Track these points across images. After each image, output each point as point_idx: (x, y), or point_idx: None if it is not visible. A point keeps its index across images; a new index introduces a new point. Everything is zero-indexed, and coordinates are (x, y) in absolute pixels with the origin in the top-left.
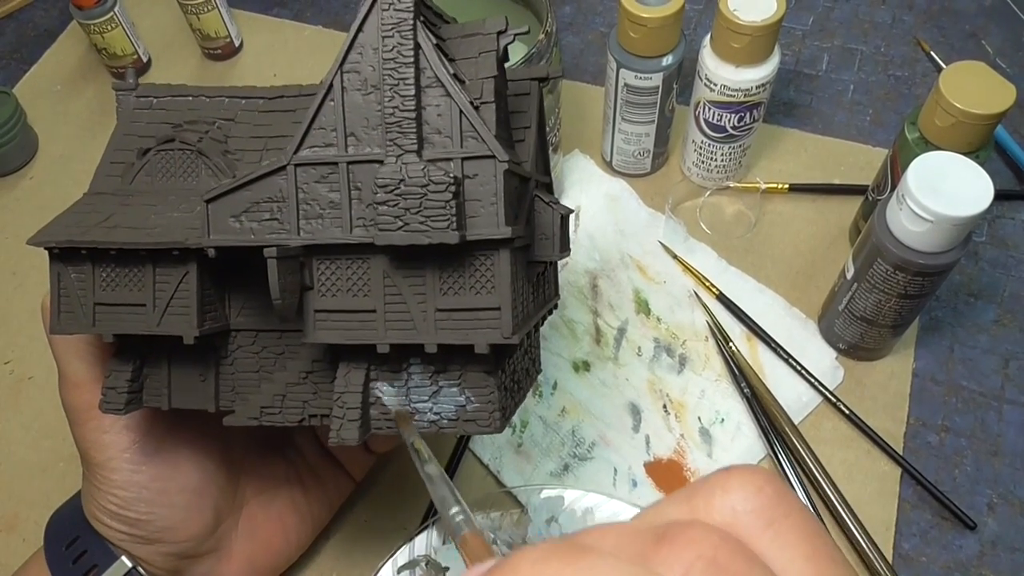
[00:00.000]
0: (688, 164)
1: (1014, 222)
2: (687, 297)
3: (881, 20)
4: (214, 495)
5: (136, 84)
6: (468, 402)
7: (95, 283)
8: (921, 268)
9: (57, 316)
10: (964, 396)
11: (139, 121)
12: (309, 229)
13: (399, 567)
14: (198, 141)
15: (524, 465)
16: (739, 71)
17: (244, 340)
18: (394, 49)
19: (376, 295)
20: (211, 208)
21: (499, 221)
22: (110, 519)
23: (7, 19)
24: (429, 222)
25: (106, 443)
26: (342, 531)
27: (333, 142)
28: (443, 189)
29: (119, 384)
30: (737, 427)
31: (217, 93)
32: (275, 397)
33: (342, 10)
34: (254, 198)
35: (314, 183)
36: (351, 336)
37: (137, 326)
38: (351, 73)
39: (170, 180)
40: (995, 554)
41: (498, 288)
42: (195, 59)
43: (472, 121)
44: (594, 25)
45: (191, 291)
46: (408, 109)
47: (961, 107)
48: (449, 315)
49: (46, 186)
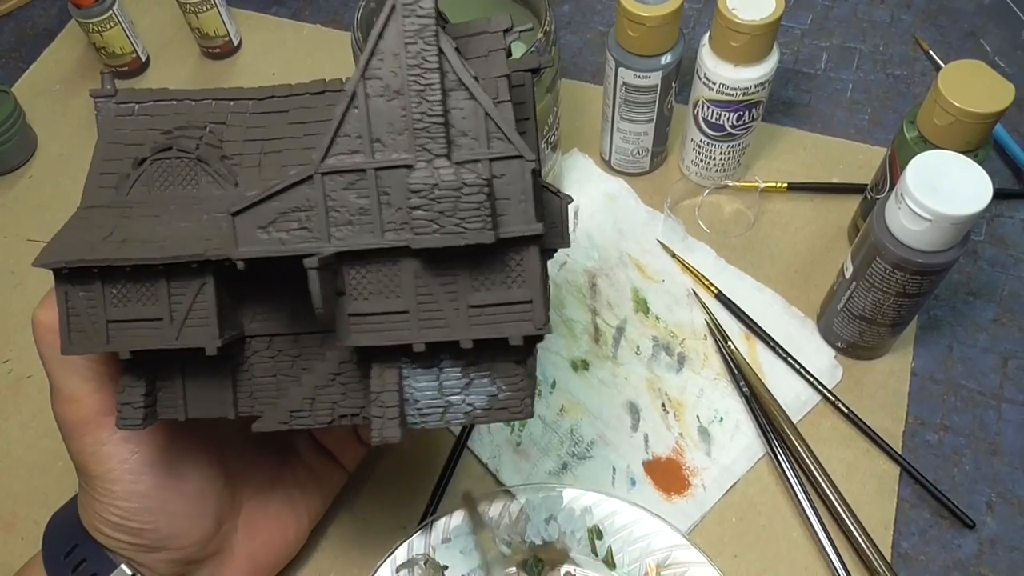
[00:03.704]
0: (687, 163)
1: (1013, 221)
2: (686, 296)
3: (880, 19)
4: (214, 499)
5: (115, 90)
6: (500, 391)
7: (106, 300)
8: (920, 267)
9: (68, 336)
10: (963, 395)
11: (123, 129)
12: (340, 236)
13: (398, 566)
14: (195, 148)
15: (523, 464)
16: (738, 70)
17: (259, 345)
18: (418, 55)
19: (408, 296)
20: (238, 220)
21: (529, 218)
22: (112, 530)
23: (6, 18)
24: (464, 224)
25: (105, 455)
26: (341, 530)
27: (359, 149)
28: (477, 191)
29: (134, 399)
30: (736, 426)
31: (203, 96)
32: (304, 400)
33: (340, 8)
34: (282, 208)
35: (342, 190)
36: (387, 337)
37: (155, 341)
38: (373, 80)
39: (168, 189)
40: (994, 553)
41: (529, 282)
42: (194, 58)
43: (498, 122)
44: (593, 24)
45: (210, 302)
46: (436, 114)
47: (960, 106)
48: (482, 311)
49: (45, 185)
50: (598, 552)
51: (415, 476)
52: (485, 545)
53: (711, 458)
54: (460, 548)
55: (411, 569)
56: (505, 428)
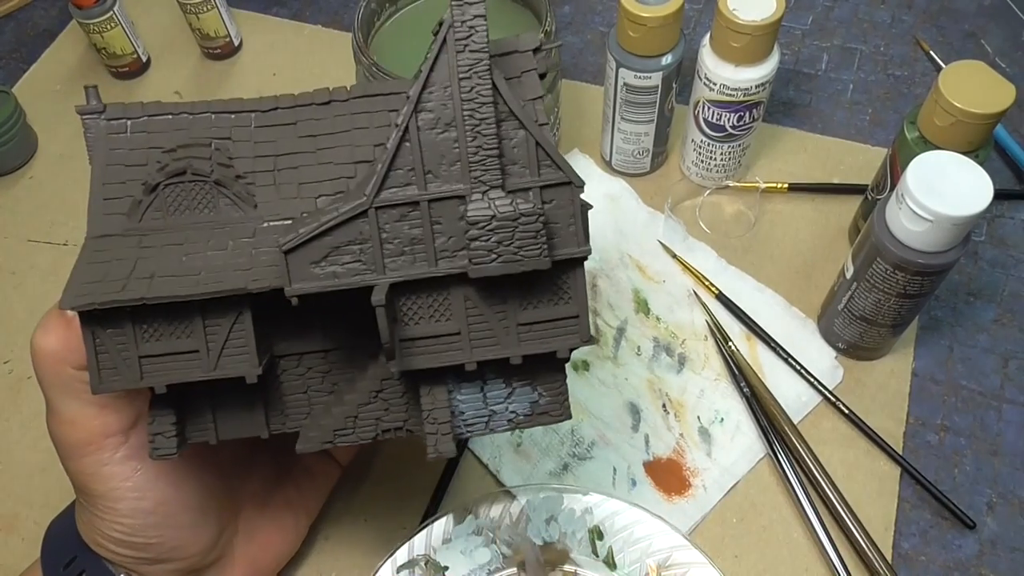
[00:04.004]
0: (687, 163)
1: (1013, 221)
2: (686, 296)
3: (880, 20)
4: (215, 507)
5: (103, 105)
6: (540, 397)
7: (137, 337)
8: (920, 267)
9: (98, 375)
10: (963, 396)
11: (119, 148)
12: (395, 267)
13: (399, 566)
14: (211, 172)
15: (523, 464)
16: (738, 70)
17: (288, 364)
18: (473, 90)
19: (459, 318)
20: (291, 258)
21: (580, 241)
22: (116, 545)
23: (6, 18)
24: (522, 252)
25: (108, 475)
26: (342, 530)
27: (412, 181)
28: (534, 220)
29: (165, 428)
30: (736, 426)
31: (201, 109)
32: (347, 419)
33: (341, 9)
34: (335, 243)
35: (395, 223)
36: (440, 359)
37: (192, 373)
38: (424, 112)
39: (185, 215)
40: (994, 553)
41: (575, 298)
42: (194, 58)
43: (547, 150)
44: (593, 24)
45: (247, 331)
46: (491, 147)
47: (960, 106)
48: (530, 328)
49: (45, 185)
50: (599, 553)
51: (416, 476)
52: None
53: (712, 459)
54: (461, 549)
55: (412, 570)
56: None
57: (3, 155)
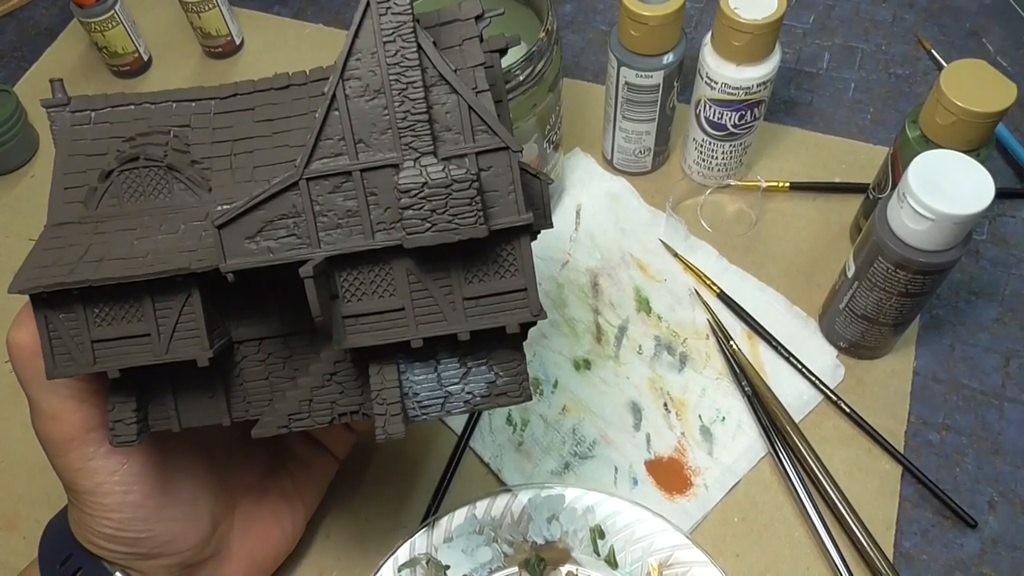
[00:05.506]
0: (689, 162)
1: (1015, 220)
2: (688, 295)
3: (882, 18)
4: (208, 501)
5: (68, 98)
6: (497, 377)
7: (88, 321)
8: (922, 266)
9: (52, 360)
10: (965, 394)
11: (82, 139)
12: (330, 240)
13: (400, 565)
14: (164, 156)
15: (525, 463)
16: (740, 69)
17: (248, 350)
18: (397, 53)
19: (402, 293)
20: (224, 233)
21: (519, 209)
22: (107, 541)
23: (8, 17)
24: (456, 220)
25: (93, 469)
26: (343, 529)
27: (343, 151)
28: (467, 187)
29: (125, 415)
30: (738, 425)
31: (162, 98)
32: (301, 403)
33: (342, 8)
34: (268, 217)
35: (328, 194)
36: (384, 336)
37: (144, 357)
38: (352, 80)
39: (140, 200)
40: (996, 552)
41: (522, 270)
42: (196, 57)
43: (481, 115)
44: (595, 23)
45: (197, 313)
46: (420, 112)
47: (962, 105)
48: (477, 302)
49: (47, 185)
50: (600, 552)
51: (417, 475)
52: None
53: (713, 457)
54: (462, 547)
55: (413, 568)
56: (507, 428)
57: (4, 154)
